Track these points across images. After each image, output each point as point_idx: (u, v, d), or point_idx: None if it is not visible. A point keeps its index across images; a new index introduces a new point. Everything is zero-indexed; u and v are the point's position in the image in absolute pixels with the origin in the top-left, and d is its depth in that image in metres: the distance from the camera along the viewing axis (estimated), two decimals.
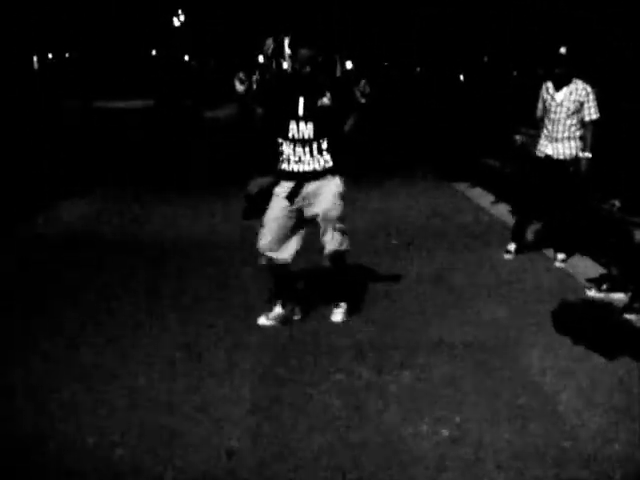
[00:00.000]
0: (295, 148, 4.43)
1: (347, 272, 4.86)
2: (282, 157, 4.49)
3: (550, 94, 5.91)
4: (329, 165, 4.49)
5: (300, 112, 4.39)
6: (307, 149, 4.42)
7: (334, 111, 4.44)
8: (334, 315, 4.74)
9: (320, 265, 5.00)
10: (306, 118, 4.39)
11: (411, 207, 8.67)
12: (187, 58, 38.94)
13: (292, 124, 4.40)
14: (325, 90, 4.42)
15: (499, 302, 5.06)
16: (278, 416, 3.47)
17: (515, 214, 6.86)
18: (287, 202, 4.47)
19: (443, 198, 9.31)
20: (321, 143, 4.43)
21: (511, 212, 7.73)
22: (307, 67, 4.36)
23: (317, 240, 4.62)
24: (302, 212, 4.51)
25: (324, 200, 4.48)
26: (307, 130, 4.40)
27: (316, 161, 4.45)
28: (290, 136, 4.42)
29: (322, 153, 4.45)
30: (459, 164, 10.76)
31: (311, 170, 4.45)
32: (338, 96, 4.45)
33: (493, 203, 8.73)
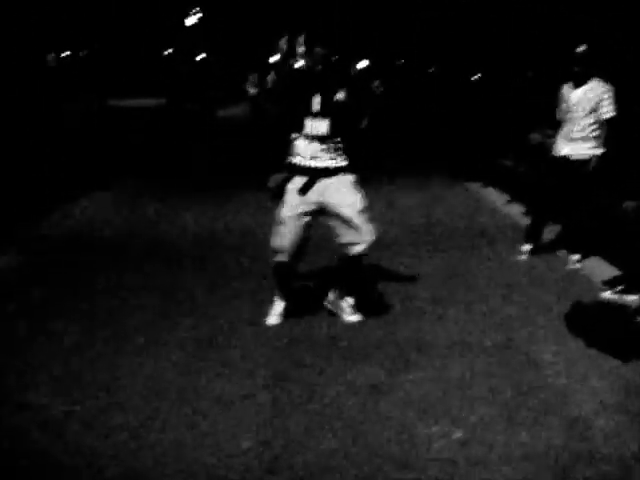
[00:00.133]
0: (310, 144, 4.44)
1: (362, 269, 4.81)
2: (297, 153, 4.50)
3: (567, 93, 5.91)
4: (344, 163, 4.51)
5: (317, 108, 4.41)
6: (323, 146, 4.43)
7: (350, 108, 4.46)
8: (348, 315, 4.75)
9: (328, 263, 4.96)
10: (323, 114, 4.40)
11: (425, 205, 8.68)
12: (203, 56, 39.01)
13: (308, 120, 4.41)
14: (341, 87, 4.45)
15: (513, 303, 5.07)
16: (290, 415, 3.50)
17: (530, 215, 6.86)
18: (300, 197, 4.45)
19: (457, 197, 9.31)
20: (336, 140, 4.45)
21: (525, 213, 7.73)
22: (321, 65, 4.39)
23: (317, 239, 4.57)
24: (316, 211, 4.50)
25: (347, 194, 4.46)
26: (323, 126, 4.41)
27: (331, 158, 4.46)
28: (306, 132, 4.43)
29: (337, 150, 4.47)
30: (474, 164, 10.75)
31: (325, 167, 4.46)
32: (354, 93, 4.47)
33: (507, 203, 8.73)
